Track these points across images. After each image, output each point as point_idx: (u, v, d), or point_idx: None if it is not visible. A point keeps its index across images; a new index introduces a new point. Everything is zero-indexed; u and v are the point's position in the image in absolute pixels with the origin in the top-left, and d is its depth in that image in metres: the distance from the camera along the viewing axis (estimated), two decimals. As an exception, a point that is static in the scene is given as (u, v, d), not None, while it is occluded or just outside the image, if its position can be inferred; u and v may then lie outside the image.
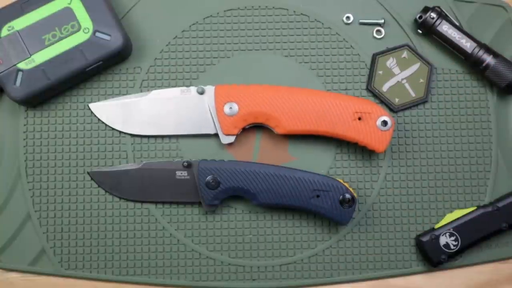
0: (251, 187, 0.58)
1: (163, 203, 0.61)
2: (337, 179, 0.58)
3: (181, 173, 0.59)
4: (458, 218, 0.59)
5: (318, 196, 0.57)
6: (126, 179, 0.60)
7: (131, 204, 0.61)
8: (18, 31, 0.58)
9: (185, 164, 0.59)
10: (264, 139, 0.62)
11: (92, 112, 0.62)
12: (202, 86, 0.59)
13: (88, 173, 0.61)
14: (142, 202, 0.61)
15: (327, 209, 0.57)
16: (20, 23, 0.59)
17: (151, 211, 0.61)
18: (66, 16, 0.59)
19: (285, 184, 0.58)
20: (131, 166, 0.60)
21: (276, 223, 0.61)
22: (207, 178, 0.58)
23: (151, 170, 0.60)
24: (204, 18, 0.63)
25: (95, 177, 0.61)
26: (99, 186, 0.61)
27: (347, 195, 0.57)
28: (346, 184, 0.57)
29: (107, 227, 0.61)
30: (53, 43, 0.58)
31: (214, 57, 0.63)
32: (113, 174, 0.60)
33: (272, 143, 0.62)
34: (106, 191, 0.61)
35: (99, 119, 0.62)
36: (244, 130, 0.60)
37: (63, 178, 0.61)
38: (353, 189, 0.58)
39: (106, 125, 0.62)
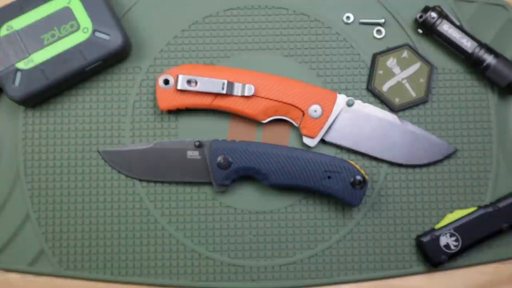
0: (262, 167, 0.58)
1: (176, 183, 0.61)
2: (349, 161, 0.58)
3: (192, 153, 0.59)
4: (458, 219, 0.59)
5: (329, 177, 0.58)
6: (137, 158, 0.60)
7: (130, 204, 0.61)
8: (17, 31, 0.58)
9: (197, 144, 0.59)
10: (264, 135, 0.62)
11: (91, 113, 0.62)
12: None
13: (98, 151, 0.61)
14: (154, 181, 0.61)
15: (338, 191, 0.58)
16: (19, 22, 0.58)
17: (150, 211, 0.61)
18: (65, 16, 0.59)
19: (296, 165, 0.58)
20: (142, 145, 0.60)
21: (276, 223, 0.61)
22: (219, 158, 0.58)
23: (163, 149, 0.60)
24: (204, 18, 0.63)
25: (106, 156, 0.61)
26: (110, 165, 0.61)
27: (358, 177, 0.57)
28: (357, 166, 0.58)
29: (107, 227, 0.61)
30: (52, 43, 0.58)
31: (213, 57, 0.62)
32: (125, 154, 0.60)
33: (272, 140, 0.62)
34: (118, 171, 0.61)
35: (97, 120, 0.62)
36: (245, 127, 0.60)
37: (62, 179, 0.61)
38: (364, 171, 0.58)
39: (104, 126, 0.62)
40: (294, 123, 0.60)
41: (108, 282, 0.60)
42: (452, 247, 0.58)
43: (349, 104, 0.60)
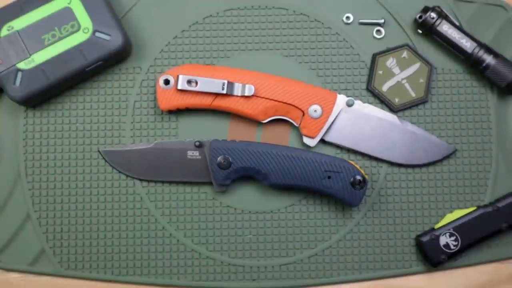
0: (263, 167, 0.58)
1: (176, 183, 0.61)
2: (349, 161, 0.58)
3: (192, 153, 0.59)
4: (458, 218, 0.59)
5: (329, 177, 0.58)
6: (137, 158, 0.60)
7: (130, 204, 0.61)
8: (17, 31, 0.58)
9: (197, 144, 0.59)
10: (264, 135, 0.62)
11: (91, 113, 0.62)
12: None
13: (99, 151, 0.61)
14: (154, 181, 0.61)
15: (338, 191, 0.58)
16: (19, 23, 0.59)
17: (151, 211, 0.61)
18: (65, 16, 0.59)
19: (296, 165, 0.58)
20: (142, 145, 0.60)
21: (276, 223, 0.61)
22: (219, 158, 0.58)
23: (163, 149, 0.60)
24: (204, 18, 0.63)
25: (107, 156, 0.61)
26: (110, 165, 0.61)
27: (358, 177, 0.57)
28: (357, 166, 0.58)
29: (107, 227, 0.61)
30: (52, 43, 0.58)
31: (214, 57, 0.63)
32: (125, 154, 0.61)
33: (272, 140, 0.62)
34: (119, 171, 0.61)
35: (98, 120, 0.62)
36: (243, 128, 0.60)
37: (63, 178, 0.61)
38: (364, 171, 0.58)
39: (105, 126, 0.62)
40: (294, 123, 0.60)
41: (108, 282, 0.61)
42: (452, 247, 0.59)
43: (349, 104, 0.60)
